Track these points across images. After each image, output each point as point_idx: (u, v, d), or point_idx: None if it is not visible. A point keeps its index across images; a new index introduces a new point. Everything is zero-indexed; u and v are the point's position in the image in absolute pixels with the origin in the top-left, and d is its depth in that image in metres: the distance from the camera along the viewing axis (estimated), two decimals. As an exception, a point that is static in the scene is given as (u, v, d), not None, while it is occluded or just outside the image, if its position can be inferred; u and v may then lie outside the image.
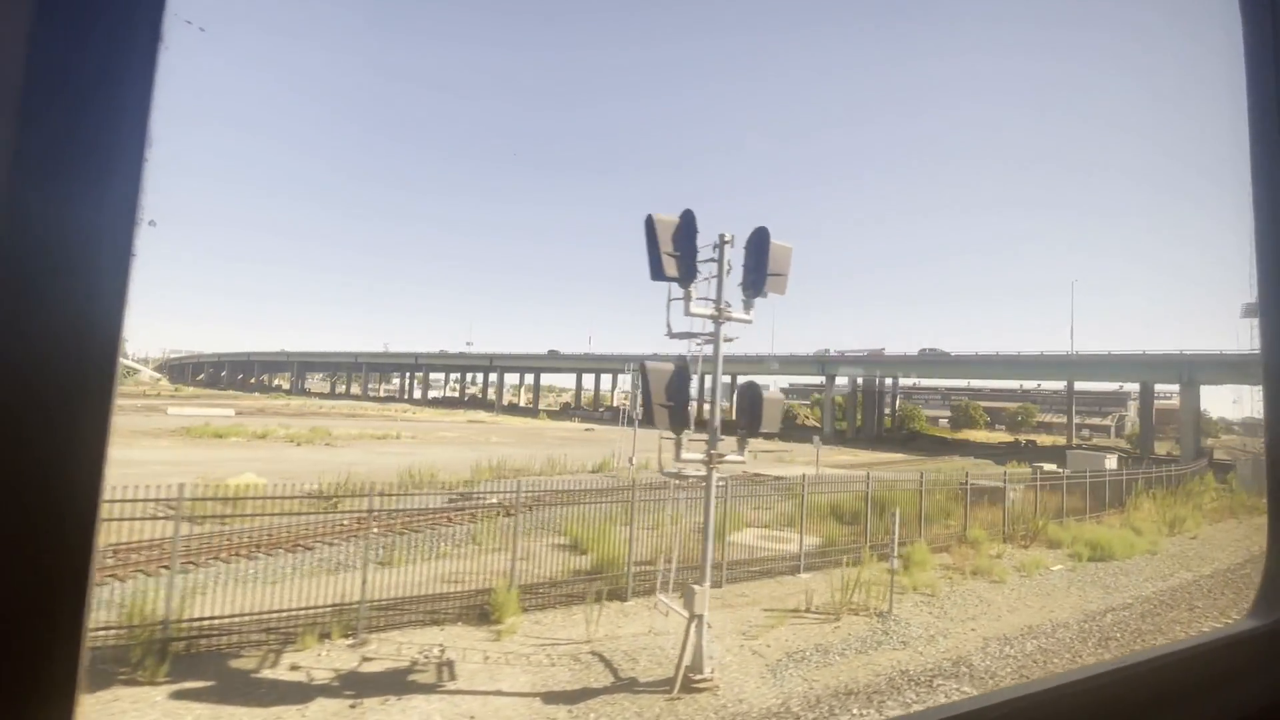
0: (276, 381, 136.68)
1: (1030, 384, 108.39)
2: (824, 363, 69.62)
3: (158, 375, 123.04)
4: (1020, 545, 16.82)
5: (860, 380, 79.43)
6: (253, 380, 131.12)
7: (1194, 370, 51.52)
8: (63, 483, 0.54)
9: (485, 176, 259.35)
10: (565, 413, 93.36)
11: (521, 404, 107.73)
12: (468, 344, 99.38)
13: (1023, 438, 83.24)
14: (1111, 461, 29.33)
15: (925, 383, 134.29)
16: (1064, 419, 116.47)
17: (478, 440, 41.88)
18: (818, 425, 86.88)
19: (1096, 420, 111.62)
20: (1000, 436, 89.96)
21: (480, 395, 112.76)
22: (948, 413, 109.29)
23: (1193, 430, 51.94)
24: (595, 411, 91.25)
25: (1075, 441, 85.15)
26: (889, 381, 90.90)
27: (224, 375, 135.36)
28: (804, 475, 14.89)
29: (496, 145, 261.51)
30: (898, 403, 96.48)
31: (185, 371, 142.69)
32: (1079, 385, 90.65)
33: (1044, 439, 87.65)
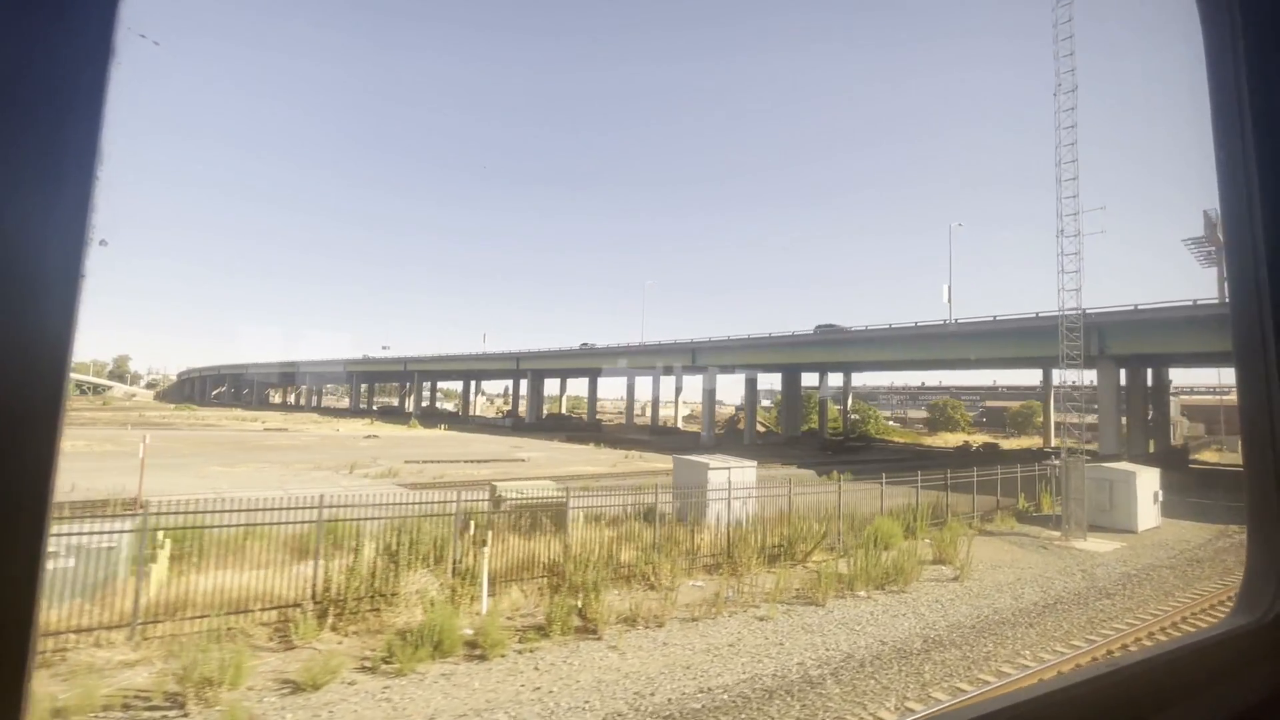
0: (269, 394, 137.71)
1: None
2: (695, 350, 58.26)
3: (133, 391, 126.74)
4: None
5: (828, 378, 67.77)
6: (254, 394, 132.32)
7: (1106, 337, 37.23)
8: (9, 501, 0.53)
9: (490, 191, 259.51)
10: (501, 421, 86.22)
11: (465, 412, 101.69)
12: (384, 348, 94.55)
13: (977, 440, 67.45)
14: (742, 473, 17.99)
15: (951, 382, 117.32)
16: (1081, 417, 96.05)
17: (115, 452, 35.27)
18: (762, 429, 75.33)
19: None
20: (978, 439, 73.94)
21: (431, 404, 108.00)
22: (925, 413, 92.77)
23: (1113, 419, 37.65)
24: (496, 418, 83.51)
25: (1056, 443, 68.16)
26: (839, 378, 77.53)
27: (248, 392, 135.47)
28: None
29: (467, 154, 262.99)
30: (850, 401, 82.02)
31: (205, 385, 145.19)
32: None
33: (1023, 441, 70.87)
